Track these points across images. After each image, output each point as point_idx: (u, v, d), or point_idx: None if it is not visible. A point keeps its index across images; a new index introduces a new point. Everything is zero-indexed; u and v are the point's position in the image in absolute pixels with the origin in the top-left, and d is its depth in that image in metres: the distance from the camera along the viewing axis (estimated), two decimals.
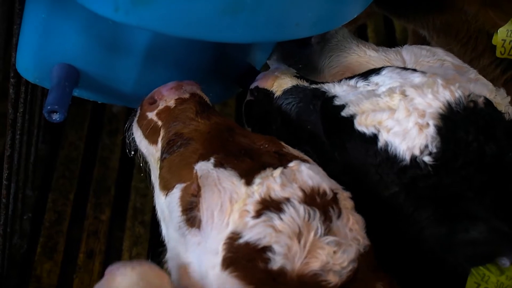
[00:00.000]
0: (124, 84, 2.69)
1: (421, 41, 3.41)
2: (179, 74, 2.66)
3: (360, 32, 4.78)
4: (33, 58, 2.58)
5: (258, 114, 2.61)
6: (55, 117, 2.46)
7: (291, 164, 2.09)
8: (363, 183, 2.20)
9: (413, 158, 2.12)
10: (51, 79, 2.56)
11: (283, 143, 2.24)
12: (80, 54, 2.57)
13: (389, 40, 4.86)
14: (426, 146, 2.11)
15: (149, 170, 2.47)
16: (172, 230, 2.19)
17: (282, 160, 2.12)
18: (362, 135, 2.20)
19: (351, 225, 2.04)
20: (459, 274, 2.13)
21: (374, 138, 2.18)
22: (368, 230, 2.09)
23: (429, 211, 2.13)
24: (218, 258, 1.99)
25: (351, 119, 2.23)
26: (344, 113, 2.25)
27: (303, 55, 2.90)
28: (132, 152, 2.54)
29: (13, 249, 3.44)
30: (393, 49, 2.69)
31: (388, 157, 2.15)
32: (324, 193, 2.04)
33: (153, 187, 2.40)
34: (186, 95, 2.46)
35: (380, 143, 2.17)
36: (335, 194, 2.06)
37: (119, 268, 2.04)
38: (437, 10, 3.19)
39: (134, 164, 3.96)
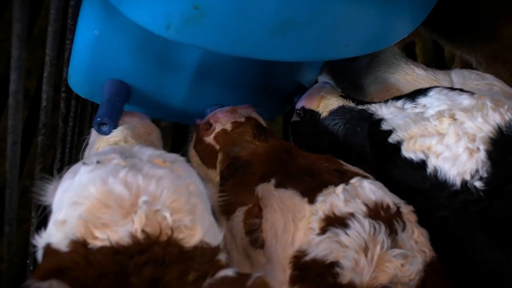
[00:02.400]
0: (174, 101, 2.72)
1: (469, 65, 3.39)
2: (229, 91, 2.69)
3: (408, 50, 4.75)
4: (84, 74, 2.61)
5: (305, 135, 2.62)
6: (104, 129, 2.48)
7: (352, 181, 2.10)
8: None
9: (464, 183, 2.11)
10: (102, 94, 2.60)
11: (341, 161, 2.25)
12: (132, 70, 2.60)
13: (437, 59, 4.83)
14: (477, 171, 2.10)
15: None
16: (235, 253, 2.21)
17: (343, 178, 2.13)
18: (409, 161, 2.20)
19: (416, 237, 2.05)
20: None
21: (423, 164, 2.17)
22: None
23: (481, 235, 2.12)
24: (285, 276, 2.00)
25: (398, 146, 2.23)
26: (391, 139, 2.25)
27: (351, 69, 2.90)
28: None
29: None
30: (443, 70, 2.68)
31: (438, 182, 2.15)
32: (388, 207, 2.05)
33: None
34: (242, 119, 2.48)
35: (429, 169, 2.16)
36: (398, 207, 2.07)
37: None
38: (486, 37, 3.16)
39: None
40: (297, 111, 2.65)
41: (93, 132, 2.42)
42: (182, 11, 2.19)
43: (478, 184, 2.10)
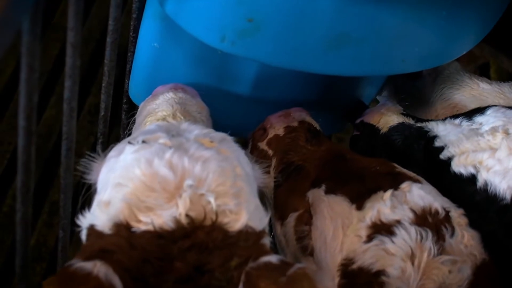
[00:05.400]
0: (231, 114, 2.74)
1: None
2: (285, 106, 2.69)
3: (481, 72, 4.67)
4: (144, 85, 2.65)
5: (363, 149, 2.61)
6: None
7: (402, 186, 2.08)
8: None
9: None
10: None
11: (395, 164, 2.23)
12: (189, 82, 2.63)
13: None
14: None
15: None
16: (289, 258, 2.20)
17: (394, 181, 2.11)
18: (458, 176, 2.18)
19: (466, 241, 2.01)
20: None
21: (473, 178, 2.15)
22: None
23: None
24: (334, 284, 1.99)
25: (448, 161, 2.22)
26: (442, 155, 2.24)
27: (415, 86, 2.88)
28: None
29: None
30: (508, 82, 2.65)
31: (487, 196, 2.12)
32: (436, 212, 2.02)
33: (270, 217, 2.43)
34: (295, 123, 2.49)
35: (479, 183, 2.14)
36: (447, 212, 2.04)
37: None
38: None
39: None
40: (357, 126, 2.65)
41: (146, 102, 2.40)
42: (236, 24, 2.22)
43: None
